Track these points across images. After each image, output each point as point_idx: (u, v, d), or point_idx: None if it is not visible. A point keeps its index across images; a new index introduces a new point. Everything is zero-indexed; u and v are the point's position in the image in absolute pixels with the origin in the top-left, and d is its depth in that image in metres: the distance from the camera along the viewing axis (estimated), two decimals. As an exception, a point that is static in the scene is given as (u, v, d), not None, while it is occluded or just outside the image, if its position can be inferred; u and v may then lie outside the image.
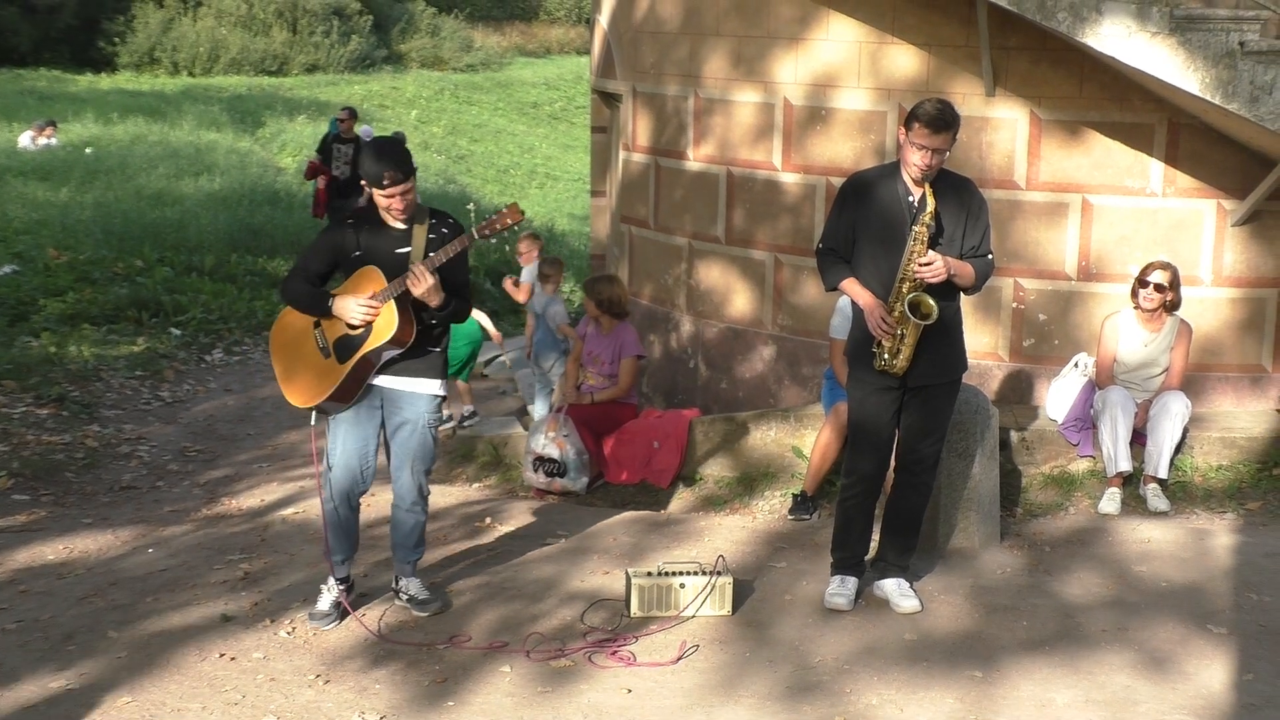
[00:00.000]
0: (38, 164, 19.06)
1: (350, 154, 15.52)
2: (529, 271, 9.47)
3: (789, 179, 8.36)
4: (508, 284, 9.73)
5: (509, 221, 5.32)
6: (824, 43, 8.12)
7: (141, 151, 20.52)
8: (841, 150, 8.14)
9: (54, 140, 20.93)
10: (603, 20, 10.14)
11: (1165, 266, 7.10)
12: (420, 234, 5.37)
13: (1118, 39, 6.70)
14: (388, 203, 5.27)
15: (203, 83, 31.27)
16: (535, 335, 9.07)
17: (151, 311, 12.34)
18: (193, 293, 13.02)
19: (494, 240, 5.31)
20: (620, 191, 9.96)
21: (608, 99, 10.43)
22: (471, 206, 16.37)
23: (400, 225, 5.37)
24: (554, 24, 45.34)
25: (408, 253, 5.34)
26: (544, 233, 20.30)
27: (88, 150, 20.45)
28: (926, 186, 5.27)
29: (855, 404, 5.59)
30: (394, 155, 5.24)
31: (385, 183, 5.21)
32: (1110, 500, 6.89)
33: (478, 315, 9.06)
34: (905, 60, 7.88)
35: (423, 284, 5.19)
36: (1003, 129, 7.74)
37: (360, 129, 16.19)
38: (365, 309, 5.26)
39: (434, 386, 5.48)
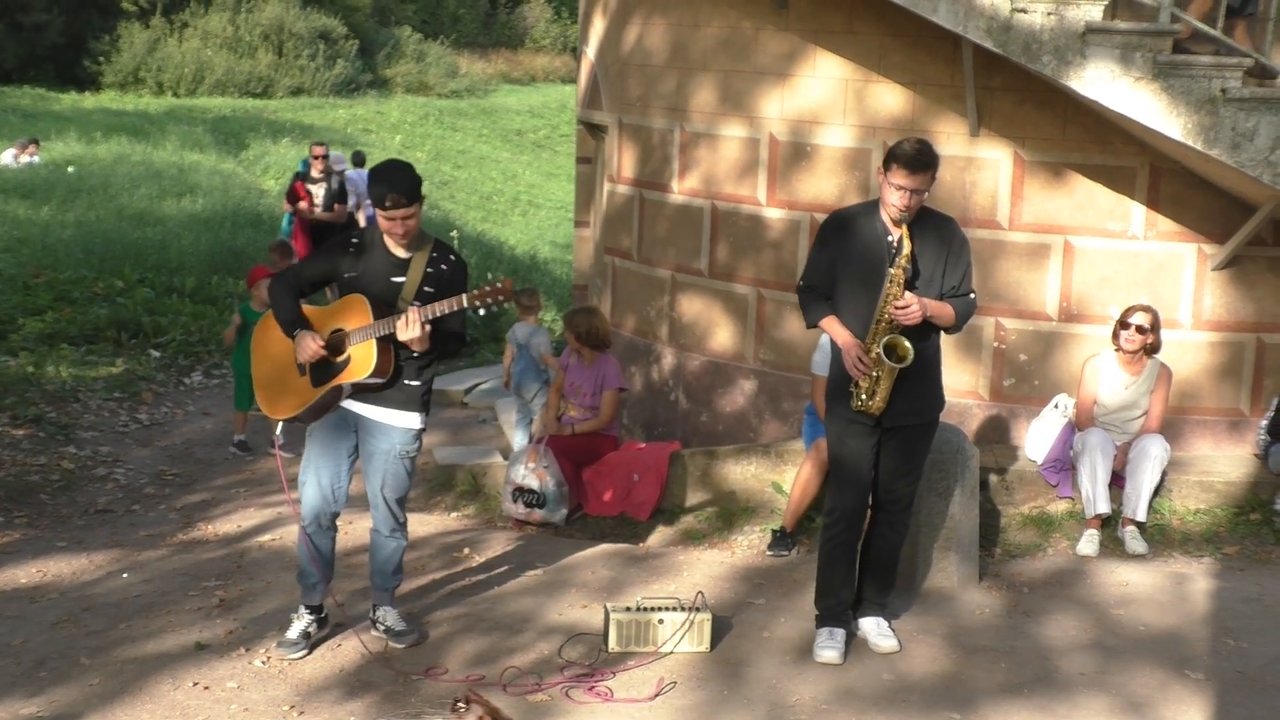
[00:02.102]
0: (19, 182, 18.98)
1: (323, 195, 14.07)
2: (527, 328, 9.15)
3: (773, 214, 8.38)
4: (548, 359, 9.05)
5: (501, 298, 5.24)
6: (810, 79, 8.16)
7: (124, 171, 20.45)
8: (826, 187, 8.17)
9: (36, 158, 20.85)
10: (590, 52, 10.17)
11: (1146, 309, 7.14)
12: (418, 265, 5.34)
13: (1102, 83, 6.76)
14: (388, 225, 5.25)
15: (187, 103, 31.21)
16: (517, 365, 9.03)
17: (131, 332, 12.27)
18: (173, 314, 12.96)
19: (482, 311, 5.25)
20: (604, 223, 9.97)
21: (593, 130, 10.45)
22: (455, 233, 16.42)
23: (401, 253, 5.36)
24: (539, 52, 45.43)
25: (402, 282, 5.32)
26: (526, 260, 20.31)
27: (70, 169, 20.37)
28: (904, 228, 5.27)
29: (834, 440, 5.60)
30: (400, 178, 5.20)
31: (387, 204, 5.19)
32: (1088, 542, 6.90)
33: None
34: (891, 99, 7.92)
35: (410, 333, 5.13)
36: (986, 169, 7.78)
37: (332, 155, 14.99)
38: (314, 352, 5.25)
39: (410, 419, 5.43)
